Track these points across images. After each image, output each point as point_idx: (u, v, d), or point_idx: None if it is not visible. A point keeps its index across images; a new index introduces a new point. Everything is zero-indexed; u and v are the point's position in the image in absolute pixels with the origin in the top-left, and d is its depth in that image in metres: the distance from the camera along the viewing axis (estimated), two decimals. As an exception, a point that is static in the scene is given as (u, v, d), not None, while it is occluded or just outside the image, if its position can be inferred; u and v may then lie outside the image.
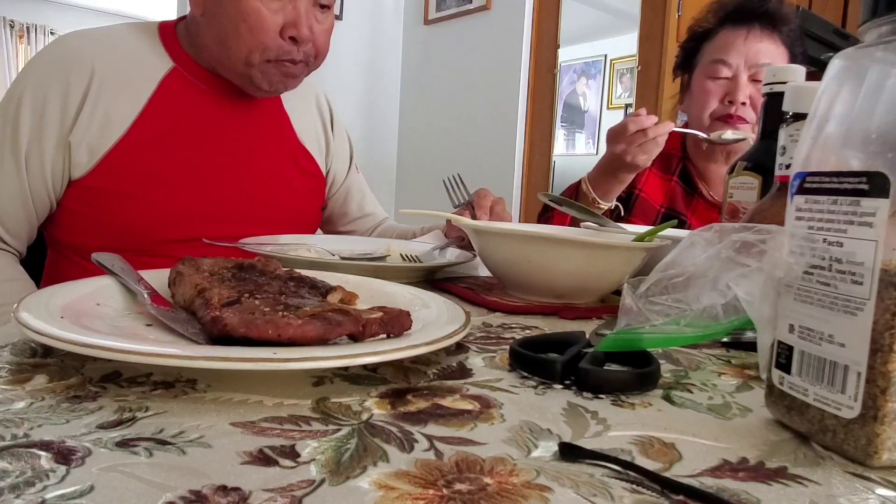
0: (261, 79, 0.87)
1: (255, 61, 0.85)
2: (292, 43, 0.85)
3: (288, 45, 0.85)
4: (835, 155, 0.31)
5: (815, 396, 0.31)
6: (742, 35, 1.09)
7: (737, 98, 1.08)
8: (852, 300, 0.29)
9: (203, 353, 0.32)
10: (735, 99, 1.08)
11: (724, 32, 1.11)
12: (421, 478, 0.26)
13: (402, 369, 0.40)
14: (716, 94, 1.11)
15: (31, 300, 0.41)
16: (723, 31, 1.11)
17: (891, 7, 0.29)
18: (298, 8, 0.84)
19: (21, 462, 0.25)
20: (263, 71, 0.86)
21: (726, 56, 1.09)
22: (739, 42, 1.08)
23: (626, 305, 0.39)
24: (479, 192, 0.94)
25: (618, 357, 0.43)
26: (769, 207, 0.51)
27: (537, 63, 2.73)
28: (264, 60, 0.85)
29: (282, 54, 0.85)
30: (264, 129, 0.98)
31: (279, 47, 0.84)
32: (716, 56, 1.11)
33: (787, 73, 0.60)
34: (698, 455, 0.30)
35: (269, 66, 0.86)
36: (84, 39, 0.87)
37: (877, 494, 0.27)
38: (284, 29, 0.84)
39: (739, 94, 1.08)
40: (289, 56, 0.86)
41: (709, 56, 1.13)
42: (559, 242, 0.60)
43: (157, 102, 0.87)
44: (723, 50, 1.10)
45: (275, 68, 0.86)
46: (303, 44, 0.86)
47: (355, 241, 0.96)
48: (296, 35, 0.84)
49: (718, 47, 1.11)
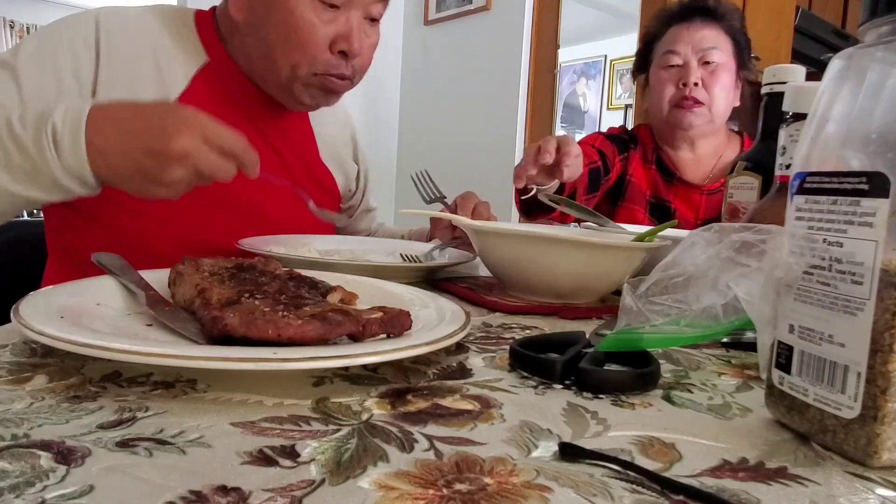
0: (302, 92, 0.83)
1: (301, 74, 0.81)
2: (341, 57, 0.81)
3: (337, 59, 0.81)
4: (835, 155, 0.31)
5: (815, 396, 0.31)
6: (686, 26, 1.23)
7: (689, 80, 1.20)
8: (852, 300, 0.29)
9: (203, 353, 0.32)
10: (688, 81, 1.21)
11: (672, 29, 1.26)
12: (421, 478, 0.26)
13: (402, 369, 0.40)
14: (670, 80, 1.24)
15: (31, 300, 0.41)
16: (670, 29, 1.26)
17: (891, 7, 0.29)
18: (351, 21, 0.79)
19: (21, 462, 0.25)
20: (307, 84, 0.82)
21: (675, 46, 1.23)
22: (684, 32, 1.23)
23: (626, 305, 0.39)
24: (464, 195, 0.93)
25: (618, 357, 0.43)
26: (769, 207, 0.51)
27: (537, 63, 2.73)
28: (311, 74, 0.81)
29: (330, 68, 0.81)
30: (288, 143, 0.94)
31: (328, 61, 0.80)
32: (666, 48, 1.25)
33: (787, 73, 0.60)
34: (698, 455, 0.30)
35: (314, 80, 0.82)
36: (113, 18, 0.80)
37: (877, 494, 0.27)
38: (335, 42, 0.80)
39: (691, 77, 1.20)
40: (337, 71, 0.81)
41: (661, 51, 1.27)
42: (559, 242, 0.60)
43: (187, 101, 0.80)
44: (671, 42, 1.24)
45: (319, 83, 0.82)
46: (352, 58, 0.82)
47: (356, 242, 0.96)
48: (346, 49, 0.80)
49: (668, 41, 1.25)
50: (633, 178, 1.29)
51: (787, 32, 2.92)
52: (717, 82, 1.21)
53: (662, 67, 1.24)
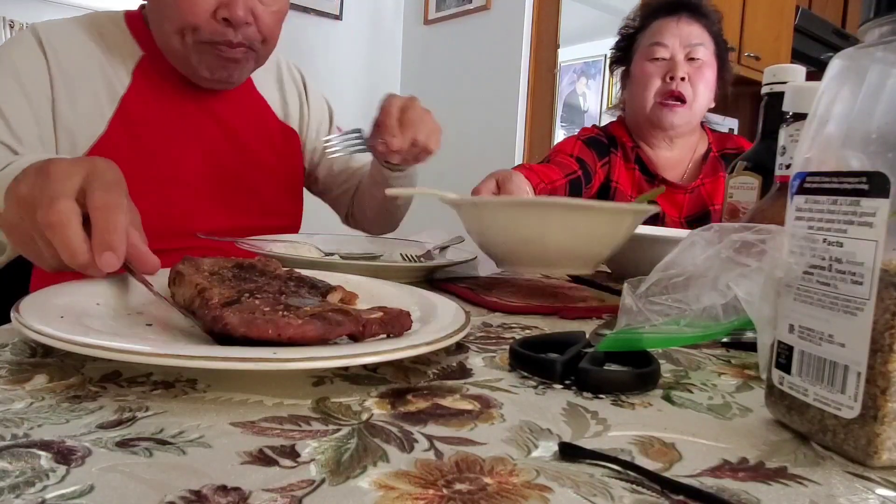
0: (199, 63, 0.83)
1: (189, 42, 0.81)
2: (226, 25, 0.80)
3: (222, 26, 0.80)
4: (835, 155, 0.31)
5: (815, 396, 0.31)
6: (674, 20, 1.22)
7: (676, 74, 1.19)
8: (852, 300, 0.29)
9: (203, 353, 0.32)
10: (675, 75, 1.20)
11: (658, 21, 1.24)
12: (421, 478, 0.26)
13: (402, 369, 0.40)
14: (656, 73, 1.22)
15: (31, 300, 0.41)
16: (656, 21, 1.25)
17: (891, 7, 0.29)
18: None
19: (21, 462, 0.25)
20: (199, 53, 0.83)
21: (662, 38, 1.21)
22: (673, 25, 1.22)
23: (626, 305, 0.39)
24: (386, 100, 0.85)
25: (618, 357, 0.43)
26: (769, 207, 0.51)
27: (537, 63, 2.73)
28: (197, 42, 0.81)
29: (215, 36, 0.81)
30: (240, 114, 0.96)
31: (213, 29, 0.80)
32: (653, 40, 1.23)
33: (787, 73, 0.60)
34: (698, 455, 0.30)
35: (204, 49, 0.82)
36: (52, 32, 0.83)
37: (877, 494, 0.27)
38: (218, 10, 0.80)
39: (679, 71, 1.19)
40: (223, 38, 0.81)
41: (646, 42, 1.24)
42: (550, 207, 0.60)
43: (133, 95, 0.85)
44: (658, 34, 1.22)
45: (210, 52, 0.82)
46: (239, 27, 0.81)
47: (356, 242, 0.96)
48: (228, 17, 0.79)
49: (654, 32, 1.24)
50: (619, 184, 1.27)
51: (787, 32, 2.92)
52: (702, 79, 1.21)
53: (649, 59, 1.23)
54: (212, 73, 0.85)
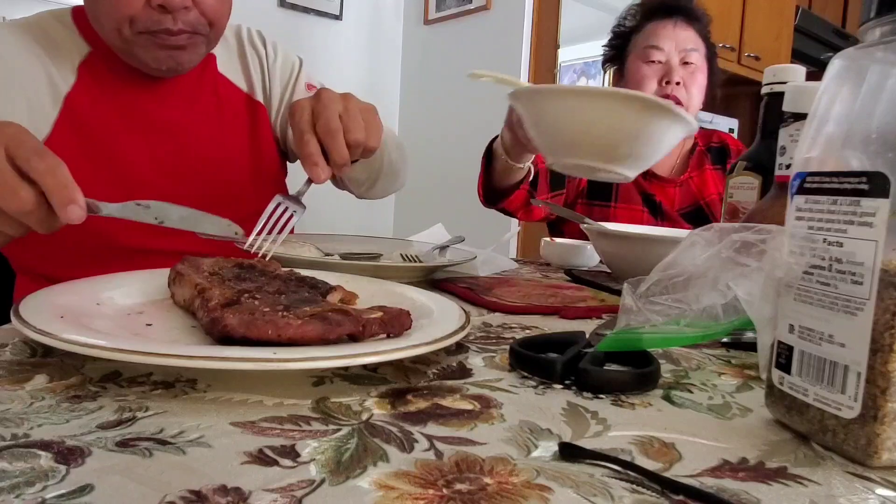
0: (143, 54, 0.79)
1: (127, 35, 0.77)
2: (163, 11, 0.76)
3: (158, 13, 0.75)
4: (835, 155, 0.31)
5: (815, 396, 0.31)
6: (670, 24, 1.23)
7: (672, 78, 1.20)
8: (852, 300, 0.29)
9: (203, 353, 0.32)
10: (671, 79, 1.21)
11: (653, 24, 1.24)
12: (421, 478, 0.26)
13: (402, 369, 0.40)
14: (652, 77, 1.23)
15: (31, 300, 0.41)
16: (650, 23, 1.25)
17: (891, 7, 0.29)
18: None
19: (21, 462, 0.25)
20: (142, 45, 0.78)
21: (658, 42, 1.22)
22: (669, 29, 1.22)
23: (626, 305, 0.39)
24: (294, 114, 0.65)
25: (618, 357, 0.43)
26: (769, 207, 0.51)
27: (537, 63, 2.73)
28: (136, 33, 0.77)
29: (152, 25, 0.76)
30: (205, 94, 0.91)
31: (149, 18, 0.75)
32: (649, 42, 1.23)
33: (787, 73, 0.60)
34: (698, 455, 0.30)
35: (145, 40, 0.77)
36: None
37: (877, 494, 0.27)
38: None
39: (674, 75, 1.21)
40: (160, 26, 0.76)
41: (642, 44, 1.25)
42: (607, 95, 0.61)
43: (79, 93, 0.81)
44: (654, 37, 1.23)
45: (151, 42, 0.77)
46: (177, 12, 0.76)
47: (356, 242, 0.96)
48: (163, 3, 0.75)
49: (650, 35, 1.24)
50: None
51: (787, 32, 2.92)
52: (695, 83, 1.23)
53: (644, 61, 1.23)
54: (158, 63, 0.80)
